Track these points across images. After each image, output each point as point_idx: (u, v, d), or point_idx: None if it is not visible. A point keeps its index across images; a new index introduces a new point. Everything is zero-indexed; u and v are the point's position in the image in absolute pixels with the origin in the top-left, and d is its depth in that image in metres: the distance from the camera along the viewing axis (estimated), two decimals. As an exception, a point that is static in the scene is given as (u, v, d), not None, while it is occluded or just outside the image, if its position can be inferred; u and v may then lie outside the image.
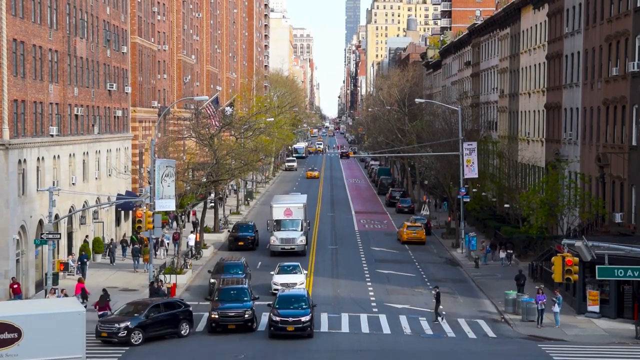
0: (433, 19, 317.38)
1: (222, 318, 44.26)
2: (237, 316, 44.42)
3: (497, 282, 58.89)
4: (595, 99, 59.70)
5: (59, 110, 59.46)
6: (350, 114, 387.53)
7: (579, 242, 40.26)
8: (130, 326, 41.75)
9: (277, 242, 69.09)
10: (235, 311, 44.50)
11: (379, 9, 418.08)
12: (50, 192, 50.43)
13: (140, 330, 41.94)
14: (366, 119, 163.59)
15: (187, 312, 44.34)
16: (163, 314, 43.28)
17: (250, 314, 44.66)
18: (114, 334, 41.63)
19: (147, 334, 42.21)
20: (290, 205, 72.75)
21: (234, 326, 44.18)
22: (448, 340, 44.31)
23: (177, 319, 43.64)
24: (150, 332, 42.42)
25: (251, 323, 44.65)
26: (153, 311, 43.04)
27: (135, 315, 42.51)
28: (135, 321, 42.08)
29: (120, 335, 41.56)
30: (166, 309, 43.70)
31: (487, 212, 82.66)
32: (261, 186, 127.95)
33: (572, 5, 65.97)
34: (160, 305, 43.75)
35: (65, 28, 60.77)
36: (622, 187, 54.42)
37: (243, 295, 46.23)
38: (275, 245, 68.93)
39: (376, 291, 56.62)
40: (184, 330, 43.69)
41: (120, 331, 41.59)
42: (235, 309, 44.62)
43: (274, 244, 69.10)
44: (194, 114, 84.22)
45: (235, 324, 44.28)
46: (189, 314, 44.38)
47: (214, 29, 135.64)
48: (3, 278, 50.11)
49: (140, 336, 41.82)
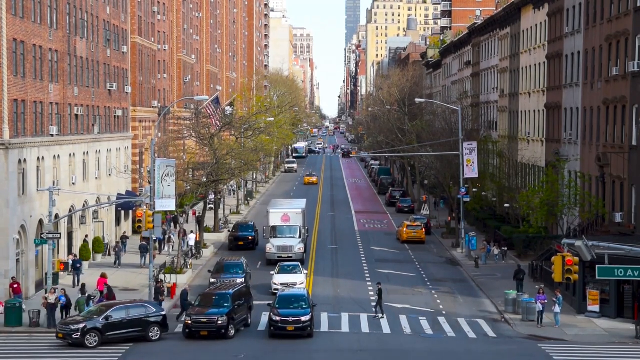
0: (433, 18, 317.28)
1: (195, 324, 42.77)
2: (209, 322, 42.63)
3: (497, 281, 58.90)
4: (596, 98, 59.70)
5: (59, 110, 59.45)
6: (350, 113, 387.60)
7: (579, 241, 40.26)
8: (85, 328, 40.99)
9: (274, 250, 64.97)
10: (208, 317, 42.79)
11: (379, 9, 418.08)
12: (51, 192, 50.43)
13: (97, 332, 41.06)
14: (366, 119, 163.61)
15: (159, 316, 43.14)
16: (128, 317, 42.29)
17: (224, 320, 42.70)
18: (69, 335, 41.08)
19: (106, 337, 41.32)
20: (288, 210, 70.15)
21: (206, 332, 42.65)
22: (448, 340, 44.32)
23: (146, 323, 42.52)
24: (110, 335, 41.49)
25: (225, 330, 42.69)
26: (116, 314, 42.07)
27: (95, 317, 41.82)
28: (93, 323, 41.33)
29: (75, 337, 40.90)
30: (133, 312, 42.64)
31: (487, 212, 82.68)
32: (261, 186, 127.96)
33: (572, 5, 65.97)
34: (127, 309, 42.80)
35: (66, 28, 60.76)
36: (622, 187, 54.42)
37: (224, 301, 44.02)
38: (272, 254, 64.85)
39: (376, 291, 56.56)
40: (154, 334, 42.56)
41: (74, 332, 40.94)
42: (209, 315, 42.87)
43: (270, 252, 65.07)
44: (194, 113, 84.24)
45: (207, 331, 42.62)
46: (161, 318, 43.19)
47: (214, 28, 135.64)
48: (3, 278, 50.11)
49: (97, 339, 41.00)
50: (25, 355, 40.51)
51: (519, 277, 54.59)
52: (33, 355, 40.54)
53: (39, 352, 40.88)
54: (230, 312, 43.33)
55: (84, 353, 40.20)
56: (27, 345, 42.35)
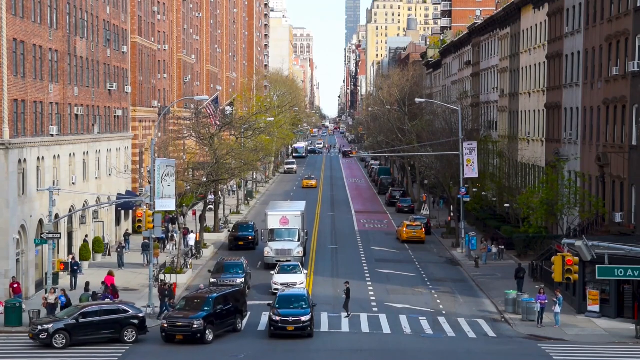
0: (433, 18, 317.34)
1: (170, 328, 41.91)
2: (184, 326, 41.71)
3: (497, 281, 58.90)
4: (596, 98, 59.70)
5: (59, 110, 59.45)
6: (350, 113, 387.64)
7: (579, 241, 40.23)
8: (52, 329, 40.80)
9: (272, 254, 63.60)
10: (183, 321, 41.89)
11: (379, 9, 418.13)
12: (51, 192, 50.43)
13: (65, 333, 40.83)
14: (366, 119, 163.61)
15: (135, 318, 42.59)
16: (100, 319, 41.93)
17: (199, 325, 41.66)
18: (37, 336, 40.93)
19: (75, 338, 41.05)
20: (287, 213, 68.36)
21: (181, 337, 41.77)
22: (448, 340, 44.31)
23: (120, 325, 42.07)
24: (79, 336, 41.20)
25: (201, 335, 41.70)
26: (87, 315, 41.76)
27: (65, 318, 41.69)
28: (60, 324, 41.13)
29: (42, 337, 40.75)
30: (106, 314, 42.21)
31: (487, 211, 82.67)
32: (261, 186, 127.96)
33: (572, 5, 65.96)
34: (100, 310, 42.47)
35: (66, 28, 60.76)
36: (622, 187, 54.42)
37: (204, 305, 43.08)
38: (270, 257, 63.51)
39: (376, 291, 56.63)
40: (129, 336, 42.02)
41: (41, 333, 40.77)
42: (184, 319, 41.96)
43: (268, 256, 63.76)
44: (194, 113, 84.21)
45: (182, 335, 41.73)
46: (138, 320, 42.64)
47: (214, 28, 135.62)
48: (3, 278, 50.11)
49: (64, 340, 40.80)
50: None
51: (519, 275, 54.96)
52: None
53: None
54: (208, 317, 42.34)
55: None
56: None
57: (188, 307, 43.50)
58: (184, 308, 43.56)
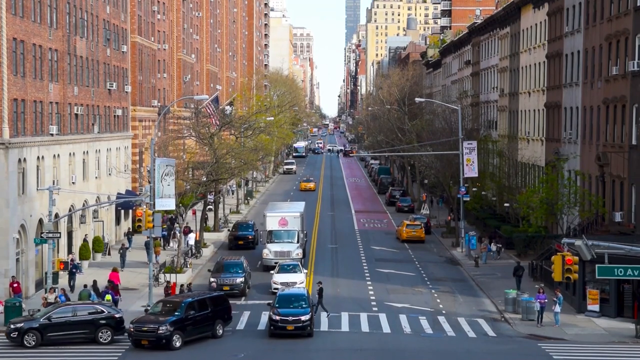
0: (433, 18, 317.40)
1: (136, 332, 40.93)
2: (149, 332, 40.61)
3: (497, 281, 58.90)
4: (595, 98, 59.70)
5: (59, 109, 59.45)
6: (350, 113, 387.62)
7: (579, 241, 40.24)
8: (24, 328, 40.74)
9: (270, 256, 62.81)
10: (148, 326, 40.82)
11: (379, 8, 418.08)
12: (50, 191, 50.45)
13: (36, 332, 40.73)
14: (366, 118, 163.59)
15: (111, 318, 42.12)
16: (73, 318, 41.69)
17: (165, 330, 40.47)
18: (9, 335, 40.91)
19: (47, 337, 40.89)
20: (286, 214, 67.42)
21: (146, 342, 40.64)
22: (448, 339, 44.31)
23: (96, 325, 41.73)
24: (51, 335, 41.02)
25: (167, 340, 40.43)
26: (60, 314, 41.61)
27: (37, 317, 41.58)
28: (32, 323, 41.07)
29: (13, 336, 40.74)
30: (81, 313, 42.03)
31: (487, 211, 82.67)
32: (261, 185, 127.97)
33: (572, 4, 65.95)
34: (74, 309, 42.30)
35: (65, 27, 60.76)
36: (622, 186, 54.42)
37: (175, 310, 42.09)
38: (268, 259, 62.79)
39: (376, 290, 56.63)
40: (104, 337, 41.63)
41: (13, 332, 40.76)
42: (150, 324, 40.91)
43: (267, 258, 63.02)
44: (193, 113, 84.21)
45: (147, 340, 40.60)
46: (114, 320, 42.14)
47: (214, 28, 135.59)
48: (3, 277, 50.11)
49: (35, 339, 40.67)
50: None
51: (518, 273, 55.37)
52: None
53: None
54: (178, 322, 41.29)
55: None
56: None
57: (161, 311, 42.68)
58: (157, 312, 42.74)
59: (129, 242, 67.56)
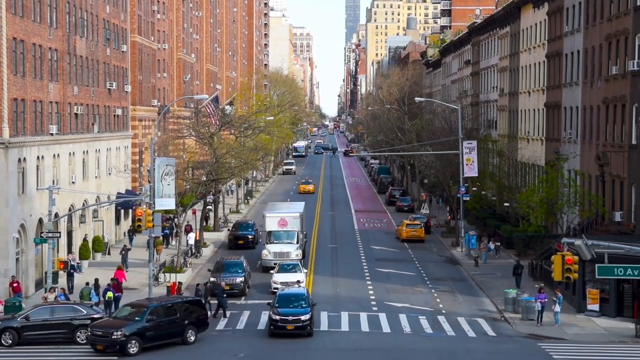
0: (433, 17, 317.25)
1: (92, 337, 39.98)
2: (104, 336, 39.47)
3: (496, 280, 58.91)
4: (595, 97, 59.70)
5: (59, 109, 59.45)
6: (350, 112, 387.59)
7: (579, 240, 40.21)
8: (1, 327, 40.81)
9: (270, 257, 62.31)
10: (103, 330, 39.72)
11: (379, 8, 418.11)
12: (50, 191, 50.46)
13: (14, 332, 40.77)
14: (366, 118, 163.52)
15: (90, 319, 41.62)
16: (50, 318, 41.56)
17: (120, 335, 39.23)
18: None
19: (24, 337, 40.92)
20: (286, 214, 67.06)
21: (101, 347, 39.59)
22: (448, 339, 44.31)
23: (74, 326, 41.50)
24: (28, 335, 41.02)
25: (121, 346, 39.21)
26: (37, 314, 41.60)
27: (15, 318, 41.67)
28: (10, 323, 41.15)
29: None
30: (59, 313, 41.86)
31: (487, 210, 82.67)
32: (261, 185, 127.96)
33: (572, 4, 65.96)
34: (52, 310, 42.21)
35: (65, 27, 60.76)
36: (622, 186, 54.43)
37: (136, 315, 40.96)
38: (267, 260, 62.30)
39: (376, 290, 56.64)
40: (82, 337, 41.23)
41: None
42: (106, 329, 39.83)
43: (266, 259, 62.56)
44: (193, 112, 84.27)
45: (102, 345, 39.52)
46: (93, 321, 41.51)
47: (214, 27, 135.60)
48: (3, 277, 50.13)
49: (11, 339, 40.70)
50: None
51: (517, 272, 55.63)
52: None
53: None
54: (135, 328, 39.97)
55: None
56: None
57: (127, 315, 41.62)
58: (121, 316, 41.73)
59: (130, 241, 67.52)
